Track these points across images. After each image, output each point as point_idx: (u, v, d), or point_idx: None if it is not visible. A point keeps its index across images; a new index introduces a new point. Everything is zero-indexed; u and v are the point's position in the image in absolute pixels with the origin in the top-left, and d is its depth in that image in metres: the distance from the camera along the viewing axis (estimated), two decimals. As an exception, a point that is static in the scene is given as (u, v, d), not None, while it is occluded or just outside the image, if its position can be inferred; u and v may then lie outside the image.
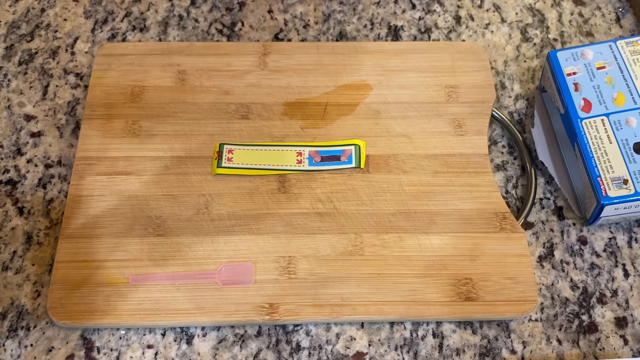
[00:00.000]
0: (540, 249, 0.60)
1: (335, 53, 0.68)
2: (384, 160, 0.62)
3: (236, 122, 0.64)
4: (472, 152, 0.63)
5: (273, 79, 0.67)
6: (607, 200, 0.57)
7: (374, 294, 0.55)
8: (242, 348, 0.55)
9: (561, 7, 0.74)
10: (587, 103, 0.61)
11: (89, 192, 0.60)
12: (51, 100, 0.67)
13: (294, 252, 0.57)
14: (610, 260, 0.59)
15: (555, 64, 0.64)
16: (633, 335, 0.56)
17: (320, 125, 0.64)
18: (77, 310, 0.54)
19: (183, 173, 0.61)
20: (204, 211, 0.59)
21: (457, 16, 0.74)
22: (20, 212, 0.60)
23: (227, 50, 0.68)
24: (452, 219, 0.59)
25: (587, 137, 0.60)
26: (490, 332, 0.56)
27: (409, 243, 0.58)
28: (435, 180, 0.61)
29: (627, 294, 0.58)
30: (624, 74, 0.62)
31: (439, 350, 0.55)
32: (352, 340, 0.55)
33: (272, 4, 0.74)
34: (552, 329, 0.56)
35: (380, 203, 0.60)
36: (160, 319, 0.54)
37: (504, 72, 0.70)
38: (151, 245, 0.57)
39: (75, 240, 0.57)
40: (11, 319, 0.56)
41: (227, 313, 0.54)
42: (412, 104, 0.65)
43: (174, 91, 0.65)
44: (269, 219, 0.59)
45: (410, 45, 0.69)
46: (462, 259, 0.57)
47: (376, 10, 0.74)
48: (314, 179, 0.61)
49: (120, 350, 0.54)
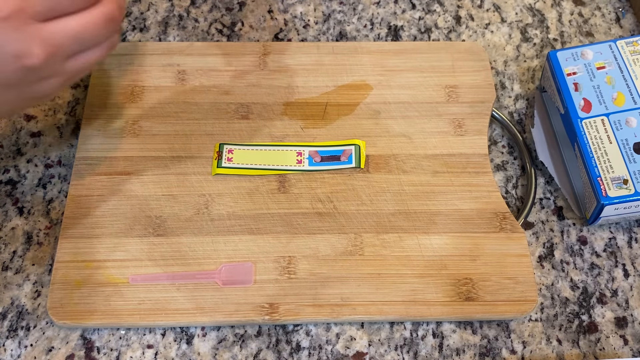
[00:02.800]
0: (540, 249, 0.60)
1: (335, 53, 0.68)
2: (384, 160, 0.62)
3: (236, 122, 0.64)
4: (472, 152, 0.63)
5: (273, 79, 0.67)
6: (607, 200, 0.57)
7: (374, 294, 0.55)
8: (242, 348, 0.55)
9: (561, 7, 0.74)
10: (587, 103, 0.61)
11: (89, 192, 0.60)
12: (51, 100, 0.67)
13: (294, 252, 0.57)
14: (610, 260, 0.59)
15: (555, 64, 0.64)
16: (633, 335, 0.56)
17: (320, 125, 0.64)
18: (77, 310, 0.54)
19: (183, 173, 0.61)
20: (204, 211, 0.59)
21: (457, 16, 0.74)
22: (20, 212, 0.60)
23: (227, 50, 0.68)
24: (452, 219, 0.59)
25: (587, 137, 0.60)
26: (490, 332, 0.56)
27: (409, 243, 0.58)
28: (435, 180, 0.61)
29: (627, 294, 0.58)
30: (624, 74, 0.62)
31: (439, 350, 0.55)
32: (352, 340, 0.55)
33: (272, 4, 0.74)
34: (552, 329, 0.56)
35: (380, 203, 0.60)
36: (160, 319, 0.54)
37: (504, 72, 0.70)
38: (151, 245, 0.57)
39: (75, 240, 0.57)
40: (11, 319, 0.56)
41: (227, 313, 0.54)
42: (412, 104, 0.65)
43: (174, 91, 0.65)
44: (269, 219, 0.59)
45: (410, 45, 0.69)
46: (462, 259, 0.57)
47: (376, 10, 0.74)
48: (314, 179, 0.61)
49: (120, 350, 0.54)
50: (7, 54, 0.43)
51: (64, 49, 0.45)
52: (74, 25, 0.44)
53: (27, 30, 0.43)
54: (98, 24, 0.45)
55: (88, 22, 0.45)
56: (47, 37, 0.43)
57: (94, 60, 0.47)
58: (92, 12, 0.45)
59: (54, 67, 0.45)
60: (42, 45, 0.43)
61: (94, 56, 0.47)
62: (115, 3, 0.46)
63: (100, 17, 0.45)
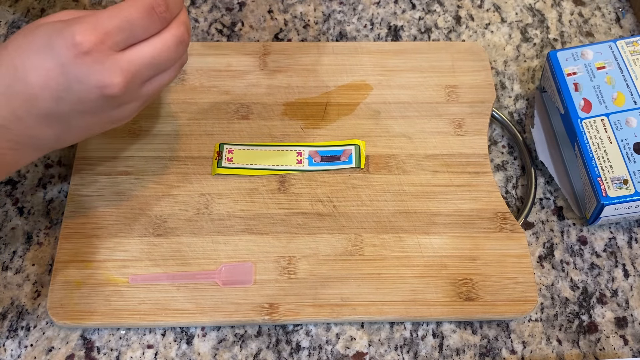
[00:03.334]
0: (540, 249, 0.60)
1: (335, 53, 0.68)
2: (384, 160, 0.62)
3: (236, 122, 0.64)
4: (472, 152, 0.63)
5: (273, 79, 0.67)
6: (607, 200, 0.57)
7: (374, 294, 0.55)
8: (242, 348, 0.55)
9: (561, 7, 0.74)
10: (587, 103, 0.61)
11: (89, 192, 0.60)
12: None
13: (294, 252, 0.57)
14: (610, 260, 0.59)
15: (555, 64, 0.64)
16: (633, 335, 0.56)
17: (320, 125, 0.64)
18: (77, 310, 0.54)
19: (183, 173, 0.61)
20: (204, 211, 0.59)
21: (457, 16, 0.74)
22: (20, 212, 0.60)
23: (227, 50, 0.68)
24: (452, 219, 0.59)
25: (587, 137, 0.60)
26: (490, 332, 0.56)
27: (409, 243, 0.58)
28: (435, 180, 0.61)
29: (627, 294, 0.58)
30: (624, 74, 0.62)
31: (439, 350, 0.55)
32: (352, 340, 0.55)
33: (272, 4, 0.74)
34: (552, 329, 0.56)
35: (380, 203, 0.60)
36: (160, 319, 0.54)
37: (504, 72, 0.70)
38: (151, 245, 0.57)
39: (75, 240, 0.57)
40: (11, 319, 0.56)
41: (227, 313, 0.54)
42: (412, 104, 0.65)
43: (173, 91, 0.65)
44: (269, 219, 0.59)
45: (410, 45, 0.69)
46: (462, 259, 0.57)
47: (376, 10, 0.74)
48: (314, 179, 0.61)
49: (120, 350, 0.54)
50: (89, 85, 0.45)
51: (141, 75, 0.47)
52: (149, 52, 0.46)
53: (107, 61, 0.44)
54: (170, 48, 0.47)
55: (161, 47, 0.46)
56: (126, 66, 0.45)
57: (167, 82, 0.49)
58: (164, 36, 0.46)
59: (132, 93, 0.47)
60: (121, 74, 0.45)
61: (168, 78, 0.49)
62: (183, 25, 0.47)
63: (171, 41, 0.47)
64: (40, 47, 0.45)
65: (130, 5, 0.45)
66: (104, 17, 0.44)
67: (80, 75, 0.45)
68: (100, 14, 0.45)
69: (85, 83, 0.45)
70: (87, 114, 0.47)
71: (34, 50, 0.45)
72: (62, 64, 0.44)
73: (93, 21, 0.44)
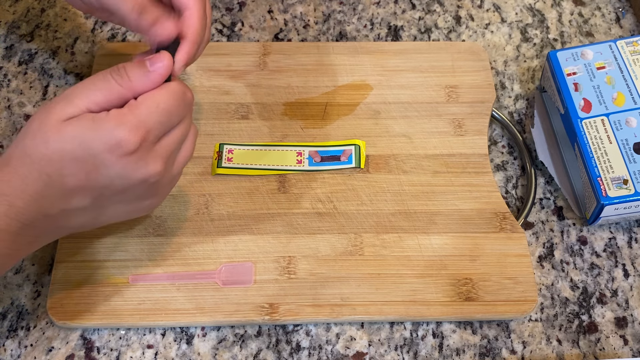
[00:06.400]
0: (540, 249, 0.60)
1: (335, 53, 0.68)
2: (384, 160, 0.62)
3: (236, 122, 0.64)
4: (472, 152, 0.63)
5: (273, 79, 0.67)
6: (607, 200, 0.57)
7: (374, 294, 0.55)
8: (242, 348, 0.55)
9: (561, 7, 0.74)
10: (587, 103, 0.61)
11: (89, 192, 0.60)
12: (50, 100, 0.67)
13: (294, 252, 0.57)
14: (610, 260, 0.59)
15: (555, 64, 0.64)
16: (633, 335, 0.56)
17: (320, 125, 0.64)
18: (77, 310, 0.54)
19: (183, 173, 0.61)
20: (204, 211, 0.59)
21: (457, 16, 0.74)
22: (20, 212, 0.60)
23: (227, 50, 0.68)
24: (452, 219, 0.59)
25: (587, 137, 0.60)
26: (490, 332, 0.56)
27: (409, 243, 0.58)
28: (435, 180, 0.61)
29: (627, 294, 0.58)
30: (624, 74, 0.62)
31: (439, 350, 0.55)
32: (352, 340, 0.55)
33: (272, 4, 0.74)
34: (552, 329, 0.56)
35: (380, 203, 0.60)
36: (160, 319, 0.54)
37: (504, 72, 0.70)
38: (151, 245, 0.57)
39: (75, 240, 0.57)
40: (11, 319, 0.56)
41: (227, 313, 0.54)
42: (412, 104, 0.65)
43: (174, 91, 0.65)
44: (269, 219, 0.59)
45: (410, 45, 0.69)
46: (462, 259, 0.57)
47: (376, 10, 0.74)
48: (314, 179, 0.61)
49: (120, 350, 0.54)
50: (133, 180, 0.46)
51: (174, 155, 0.48)
52: (177, 134, 0.48)
53: (149, 155, 0.46)
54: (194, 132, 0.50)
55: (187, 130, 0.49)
56: (164, 153, 0.47)
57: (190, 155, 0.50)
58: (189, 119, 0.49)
59: (168, 176, 0.48)
60: (161, 161, 0.46)
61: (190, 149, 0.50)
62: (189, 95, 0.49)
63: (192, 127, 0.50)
64: (76, 154, 0.44)
65: (163, 94, 0.46)
66: (143, 113, 0.44)
67: (124, 173, 0.45)
68: (137, 109, 0.44)
69: (129, 178, 0.45)
70: (122, 202, 0.48)
71: (68, 159, 0.44)
72: (104, 166, 0.44)
73: (133, 121, 0.44)
